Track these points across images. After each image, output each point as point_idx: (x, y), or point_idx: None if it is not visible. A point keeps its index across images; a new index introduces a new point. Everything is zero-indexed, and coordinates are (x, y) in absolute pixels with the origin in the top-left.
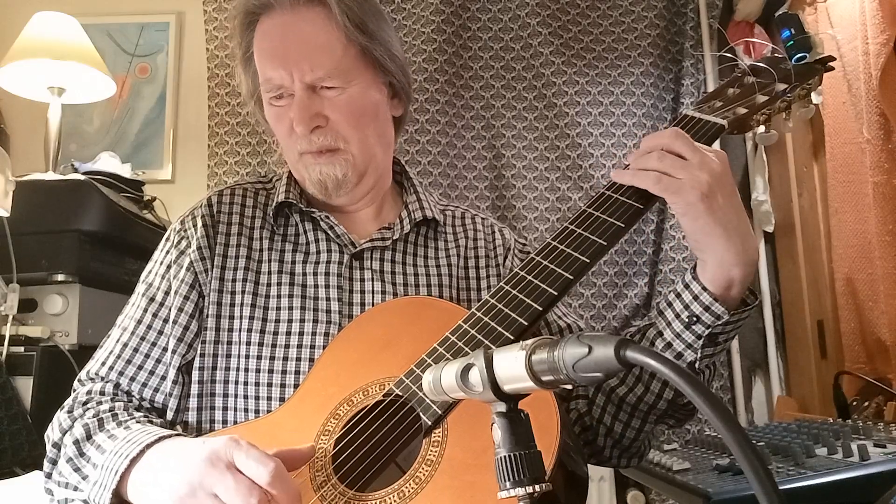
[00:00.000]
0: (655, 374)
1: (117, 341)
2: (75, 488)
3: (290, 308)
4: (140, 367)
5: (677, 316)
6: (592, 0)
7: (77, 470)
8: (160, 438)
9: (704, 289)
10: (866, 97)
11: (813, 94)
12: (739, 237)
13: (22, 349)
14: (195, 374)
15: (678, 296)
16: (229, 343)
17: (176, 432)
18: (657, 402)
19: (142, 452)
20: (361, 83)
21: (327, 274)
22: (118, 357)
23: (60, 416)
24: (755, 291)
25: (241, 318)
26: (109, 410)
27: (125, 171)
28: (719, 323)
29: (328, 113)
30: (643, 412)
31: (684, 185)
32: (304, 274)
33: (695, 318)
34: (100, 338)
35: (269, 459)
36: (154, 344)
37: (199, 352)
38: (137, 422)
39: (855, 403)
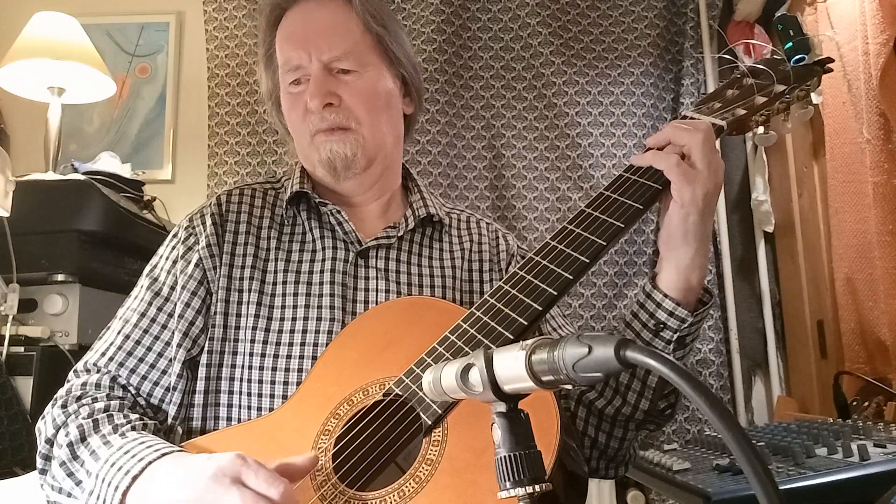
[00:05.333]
0: (631, 386)
1: (118, 333)
2: (69, 494)
3: (295, 307)
4: (141, 360)
5: (644, 325)
6: (592, 0)
7: (70, 475)
8: (163, 455)
9: (666, 296)
10: (866, 97)
11: (812, 95)
12: (705, 245)
13: (22, 349)
14: (201, 371)
15: (642, 306)
16: (235, 341)
17: (178, 448)
18: (634, 413)
19: (143, 469)
20: (376, 70)
21: (332, 271)
22: (119, 348)
23: (54, 412)
24: (710, 290)
25: (247, 316)
26: (104, 410)
27: (125, 171)
28: (685, 326)
29: (342, 93)
30: (622, 422)
31: (699, 178)
32: (310, 272)
33: (661, 325)
34: None
35: (279, 480)
36: (157, 337)
37: (205, 349)
38: (133, 427)
39: (855, 403)
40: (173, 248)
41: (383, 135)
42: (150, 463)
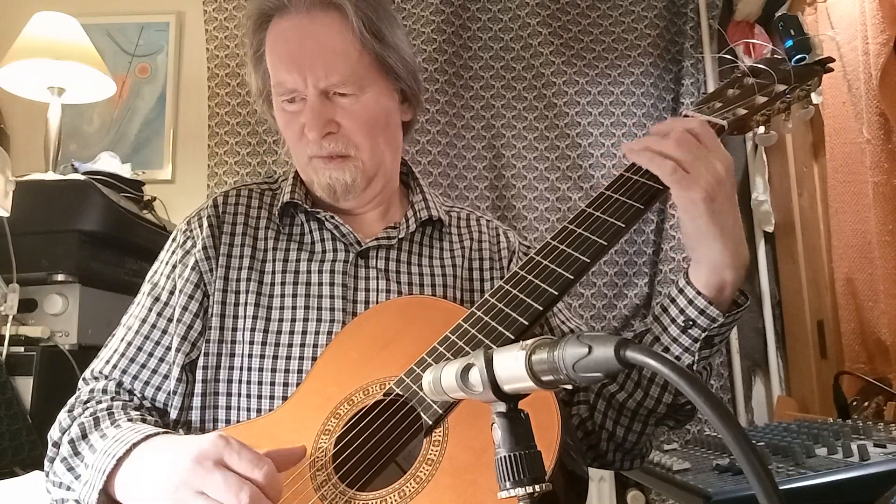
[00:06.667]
0: (654, 379)
1: (122, 340)
2: (68, 488)
3: (294, 307)
4: (143, 366)
5: (673, 321)
6: (592, 0)
7: (70, 469)
8: (148, 436)
9: (698, 293)
10: (866, 97)
11: (813, 95)
12: (733, 241)
13: (22, 349)
14: (199, 374)
15: (673, 301)
16: (233, 342)
17: (164, 430)
18: (657, 407)
19: (128, 452)
20: (374, 91)
21: (332, 272)
22: (122, 355)
23: (62, 416)
24: (746, 292)
25: (244, 317)
26: (106, 409)
27: (125, 171)
28: (714, 326)
29: (340, 120)
30: (643, 416)
31: (693, 182)
32: (309, 272)
33: (690, 322)
34: (100, 338)
35: (262, 461)
36: (158, 343)
37: (203, 351)
38: (130, 419)
39: (855, 403)
40: (172, 252)
41: (381, 154)
42: (134, 445)
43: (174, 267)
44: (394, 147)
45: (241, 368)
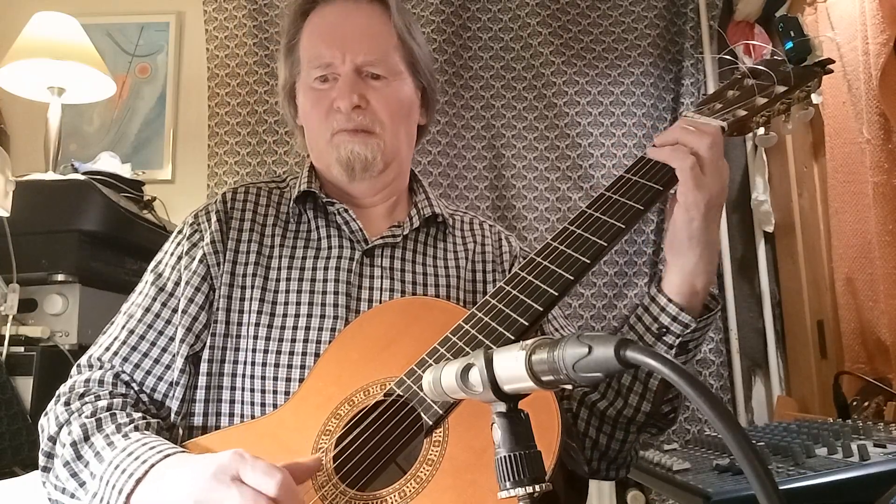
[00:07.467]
0: (632, 388)
1: (123, 328)
2: (72, 495)
3: (298, 303)
4: (145, 355)
5: (647, 329)
6: (592, 0)
7: (74, 475)
8: (166, 456)
9: (670, 300)
10: (866, 97)
11: (813, 96)
12: (711, 250)
13: (22, 349)
14: (203, 367)
15: (646, 309)
16: (237, 336)
17: (180, 449)
18: (636, 416)
19: (146, 472)
20: (403, 80)
21: (337, 269)
22: (123, 343)
23: (57, 409)
24: (717, 297)
25: (249, 311)
26: (107, 409)
27: (125, 171)
28: (688, 331)
29: (370, 98)
30: (624, 424)
31: (706, 184)
32: (314, 269)
33: (664, 330)
34: None
35: (275, 470)
36: (161, 332)
37: (207, 344)
38: (136, 427)
39: (855, 403)
40: (178, 244)
41: (400, 142)
42: (152, 465)
43: (180, 258)
44: (409, 140)
45: (245, 363)
